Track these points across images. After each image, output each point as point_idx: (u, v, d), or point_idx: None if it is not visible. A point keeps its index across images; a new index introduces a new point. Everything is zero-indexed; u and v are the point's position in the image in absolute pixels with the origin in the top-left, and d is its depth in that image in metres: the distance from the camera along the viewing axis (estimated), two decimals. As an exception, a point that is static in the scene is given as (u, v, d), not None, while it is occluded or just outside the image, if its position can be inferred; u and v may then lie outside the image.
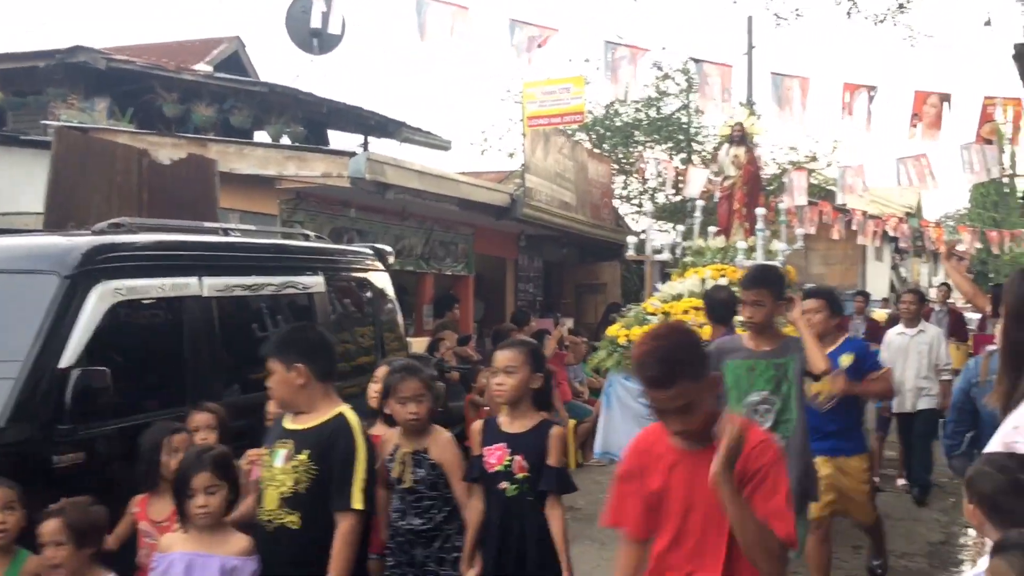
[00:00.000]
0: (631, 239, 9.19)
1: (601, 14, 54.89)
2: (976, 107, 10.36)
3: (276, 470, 3.20)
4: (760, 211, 8.28)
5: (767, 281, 4.38)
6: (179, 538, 3.26)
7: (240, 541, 3.21)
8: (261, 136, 11.75)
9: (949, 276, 7.69)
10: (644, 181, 19.88)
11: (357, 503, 3.11)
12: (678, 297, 7.81)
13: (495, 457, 3.53)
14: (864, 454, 5.29)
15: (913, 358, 8.25)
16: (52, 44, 11.08)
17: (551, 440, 3.49)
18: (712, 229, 9.14)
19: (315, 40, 11.31)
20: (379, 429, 4.03)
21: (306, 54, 11.88)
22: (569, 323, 13.42)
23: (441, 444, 3.70)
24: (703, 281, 7.87)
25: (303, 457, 3.15)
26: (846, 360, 5.13)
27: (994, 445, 2.49)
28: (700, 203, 9.88)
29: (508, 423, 3.59)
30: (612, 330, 8.01)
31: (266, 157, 9.22)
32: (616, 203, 19.47)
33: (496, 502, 3.49)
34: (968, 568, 6.31)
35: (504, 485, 3.48)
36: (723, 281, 7.77)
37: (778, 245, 8.52)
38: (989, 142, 11.21)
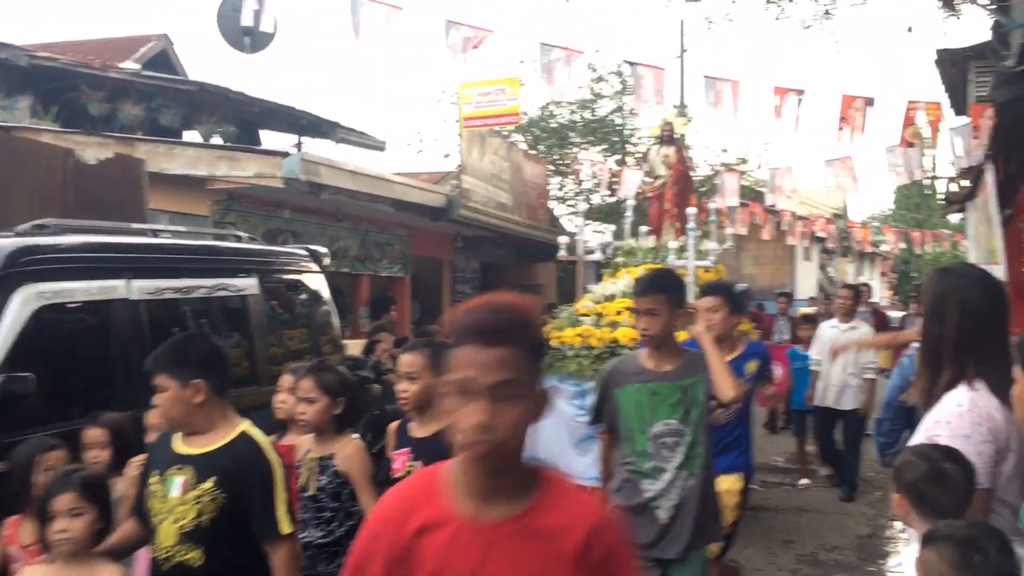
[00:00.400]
0: (563, 239, 8.92)
1: (536, 16, 55.14)
2: (900, 111, 10.68)
3: (173, 501, 2.81)
4: (691, 211, 8.13)
5: (663, 286, 3.73)
6: (40, 571, 2.89)
7: (110, 574, 2.88)
8: (191, 136, 11.53)
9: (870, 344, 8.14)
10: (579, 182, 20.02)
11: (286, 527, 2.86)
12: (611, 298, 7.65)
13: (399, 462, 3.39)
14: (740, 474, 4.88)
15: (840, 354, 8.22)
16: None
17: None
18: (644, 229, 9.04)
19: (247, 38, 11.13)
20: (291, 438, 3.93)
21: (238, 53, 11.70)
22: (506, 324, 13.43)
23: (348, 453, 3.49)
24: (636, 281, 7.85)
25: (208, 485, 2.78)
26: (752, 366, 4.91)
27: (918, 438, 2.56)
28: (631, 203, 9.77)
29: (416, 427, 3.44)
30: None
31: (197, 157, 9.05)
32: (552, 204, 19.57)
33: None
34: (894, 560, 6.49)
35: None
36: None
37: (709, 245, 8.36)
38: (912, 145, 11.57)
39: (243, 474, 2.82)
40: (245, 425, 2.96)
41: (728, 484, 4.68)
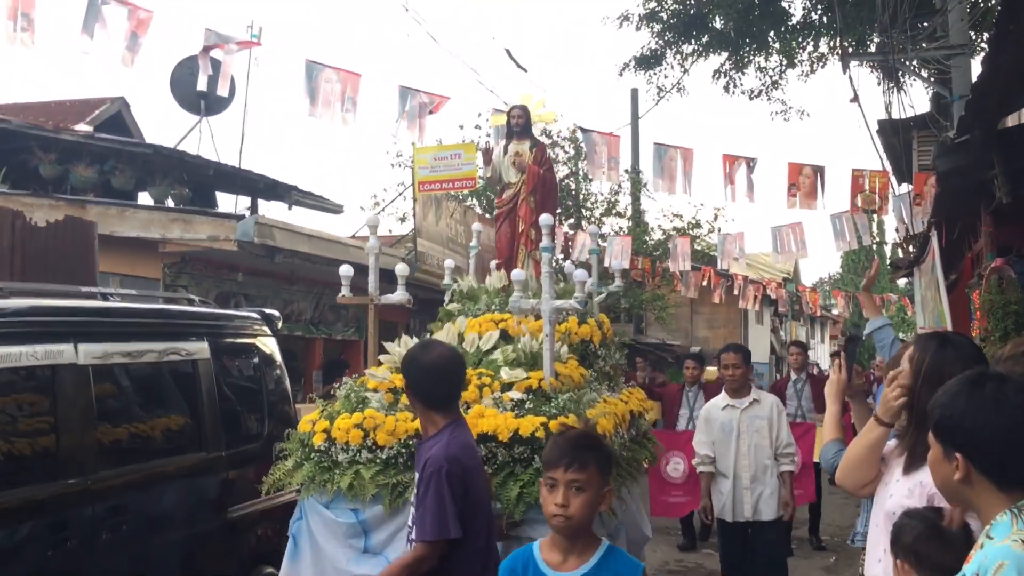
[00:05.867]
0: (344, 270, 5.61)
1: (493, 82, 56.04)
2: (847, 179, 11.00)
3: None
4: (545, 220, 4.90)
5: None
6: None
7: None
8: (144, 198, 11.44)
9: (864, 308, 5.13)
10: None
11: None
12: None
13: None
14: None
15: (746, 440, 5.87)
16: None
17: None
18: (493, 263, 6.53)
19: (203, 102, 11.16)
20: None
21: (194, 116, 11.71)
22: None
23: None
24: (460, 336, 5.24)
25: None
26: None
27: (907, 498, 2.57)
28: (478, 227, 7.17)
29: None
30: (305, 423, 4.71)
31: (149, 219, 8.98)
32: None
33: None
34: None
35: None
36: (494, 336, 5.17)
37: (581, 277, 5.02)
38: (865, 211, 11.87)
39: None
40: None
41: None
